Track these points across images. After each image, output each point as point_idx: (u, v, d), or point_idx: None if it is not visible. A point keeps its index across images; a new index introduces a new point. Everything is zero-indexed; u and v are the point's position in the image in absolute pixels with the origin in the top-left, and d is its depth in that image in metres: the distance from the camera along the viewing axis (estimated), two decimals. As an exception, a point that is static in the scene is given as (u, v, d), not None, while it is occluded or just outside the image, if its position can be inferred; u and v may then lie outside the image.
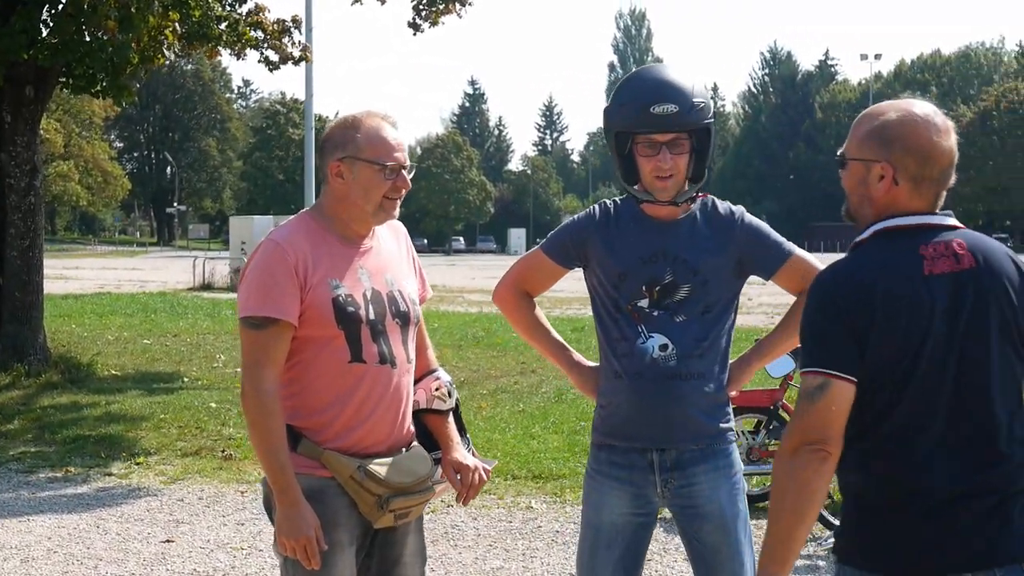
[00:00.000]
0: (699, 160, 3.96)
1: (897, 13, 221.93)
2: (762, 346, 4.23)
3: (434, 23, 19.45)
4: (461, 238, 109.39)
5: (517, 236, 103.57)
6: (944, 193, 3.11)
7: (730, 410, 4.11)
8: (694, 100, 3.90)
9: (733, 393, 4.12)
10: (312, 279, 3.75)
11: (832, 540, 5.44)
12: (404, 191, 3.89)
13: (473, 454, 4.18)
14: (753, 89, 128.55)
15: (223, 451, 10.72)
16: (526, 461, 10.09)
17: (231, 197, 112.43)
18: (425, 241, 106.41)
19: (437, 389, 4.09)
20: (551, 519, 8.29)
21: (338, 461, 3.78)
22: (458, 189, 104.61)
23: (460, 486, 4.06)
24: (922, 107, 3.13)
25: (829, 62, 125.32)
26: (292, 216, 4.00)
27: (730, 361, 4.10)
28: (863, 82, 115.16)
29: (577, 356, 4.28)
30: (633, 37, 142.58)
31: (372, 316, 3.83)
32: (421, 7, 19.28)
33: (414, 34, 19.51)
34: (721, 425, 4.04)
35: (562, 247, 4.17)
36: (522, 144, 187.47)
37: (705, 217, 4.06)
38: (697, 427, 3.98)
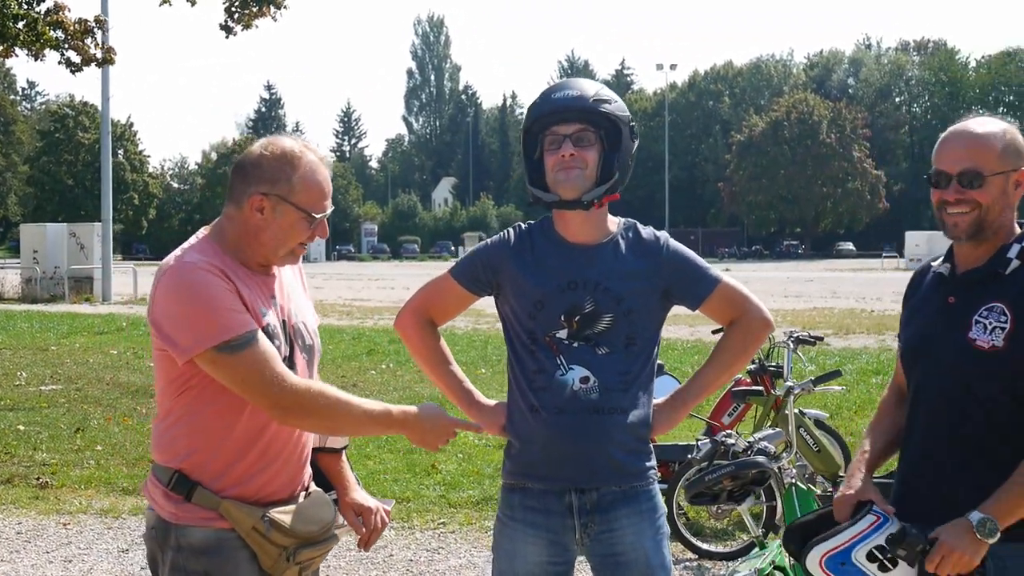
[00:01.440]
0: (607, 163, 3.66)
1: (691, 25, 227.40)
2: (694, 384, 3.92)
3: (247, 26, 18.89)
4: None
5: (317, 243, 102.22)
6: None
7: (651, 449, 3.82)
8: (598, 91, 3.67)
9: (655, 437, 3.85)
10: (246, 302, 3.35)
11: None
12: (320, 238, 3.55)
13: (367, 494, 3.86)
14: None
15: (38, 478, 10.00)
16: (366, 484, 9.65)
17: (16, 203, 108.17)
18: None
19: None
20: (402, 547, 7.93)
21: (239, 511, 3.39)
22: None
23: (363, 530, 3.76)
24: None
25: (625, 71, 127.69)
26: (190, 240, 3.55)
27: (656, 400, 3.82)
28: (658, 91, 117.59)
29: (478, 394, 3.94)
30: (431, 43, 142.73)
31: (284, 351, 3.45)
32: (233, 9, 18.71)
33: (227, 37, 18.90)
34: (645, 464, 3.75)
35: (472, 272, 3.84)
36: (320, 150, 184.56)
37: (628, 243, 3.77)
38: (620, 466, 3.68)
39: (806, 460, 7.78)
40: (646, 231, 3.82)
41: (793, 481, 5.47)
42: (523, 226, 3.86)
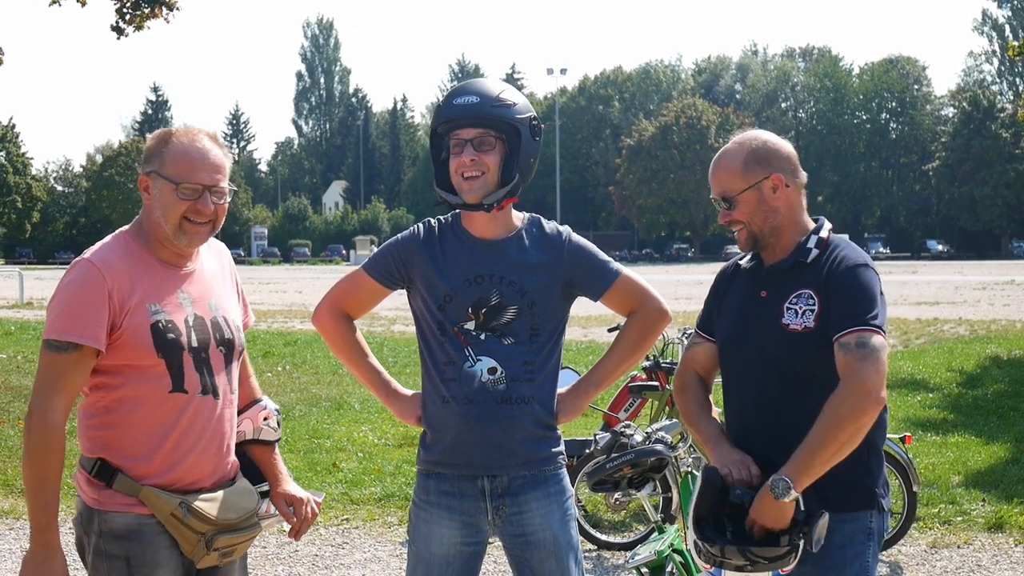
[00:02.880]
0: (508, 164, 3.83)
1: (581, 29, 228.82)
2: (595, 373, 4.10)
3: (139, 27, 18.76)
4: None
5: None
6: None
7: (560, 434, 4.01)
8: (499, 95, 3.82)
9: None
10: (129, 303, 3.50)
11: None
12: (207, 215, 3.61)
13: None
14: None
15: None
16: (268, 483, 9.74)
17: None
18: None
19: (265, 419, 3.89)
20: (307, 543, 8.03)
21: (158, 498, 3.53)
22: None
23: (293, 519, 3.89)
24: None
25: (516, 75, 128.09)
26: (109, 235, 3.70)
27: (559, 390, 4.01)
28: (549, 96, 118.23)
29: (395, 384, 4.12)
30: (321, 46, 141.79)
31: (195, 343, 3.60)
32: (125, 10, 18.57)
33: (118, 38, 18.76)
34: (552, 450, 3.95)
35: (384, 267, 4.00)
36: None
37: (531, 238, 3.96)
38: (528, 452, 3.87)
39: (699, 451, 8.03)
40: (549, 226, 4.00)
41: (689, 469, 5.70)
42: (431, 222, 4.03)
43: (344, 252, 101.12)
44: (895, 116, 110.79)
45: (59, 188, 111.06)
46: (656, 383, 8.51)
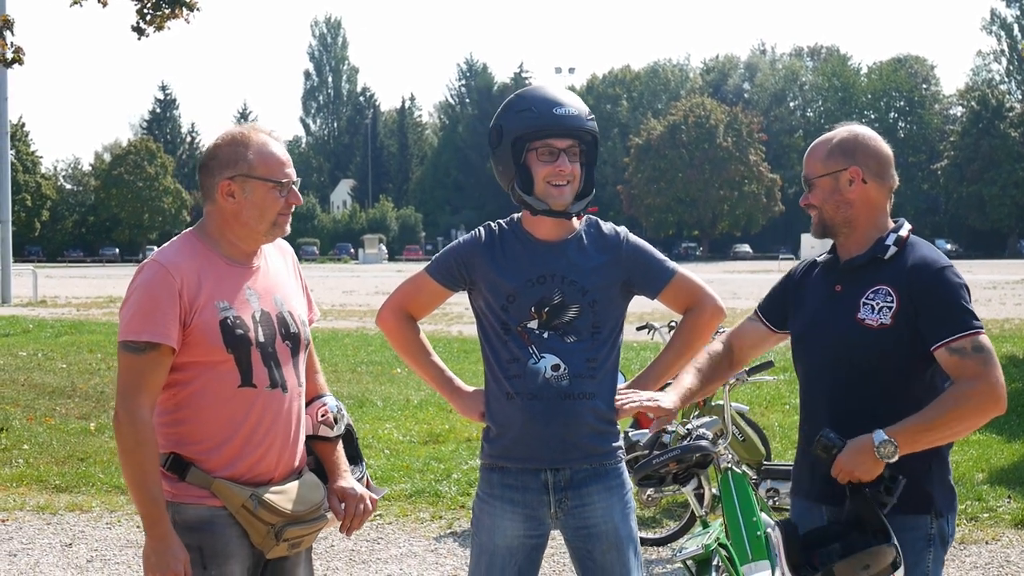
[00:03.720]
0: (588, 176, 4.00)
1: (589, 29, 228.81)
2: (654, 369, 4.23)
3: (160, 28, 18.81)
4: (155, 247, 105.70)
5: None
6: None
7: (619, 430, 4.13)
8: (588, 111, 3.99)
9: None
10: (198, 301, 3.63)
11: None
12: (294, 206, 3.81)
13: (367, 482, 4.08)
14: (450, 100, 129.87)
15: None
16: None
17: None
18: (117, 251, 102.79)
19: (323, 416, 3.98)
20: (342, 538, 8.11)
21: (229, 490, 3.66)
22: (152, 197, 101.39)
23: (343, 515, 3.97)
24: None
25: (524, 75, 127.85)
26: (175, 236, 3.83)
27: (619, 385, 4.12)
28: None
29: (458, 382, 4.24)
30: (329, 45, 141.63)
31: (262, 339, 3.72)
32: (146, 11, 18.63)
33: (139, 38, 18.74)
34: (613, 444, 4.07)
35: (447, 269, 4.13)
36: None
37: (590, 238, 4.09)
38: (590, 446, 3.99)
39: (732, 450, 8.14)
40: (607, 227, 4.14)
41: (729, 466, 5.80)
42: (492, 225, 4.15)
43: (352, 251, 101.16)
44: (903, 115, 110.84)
45: (68, 186, 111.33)
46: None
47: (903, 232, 3.87)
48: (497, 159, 4.03)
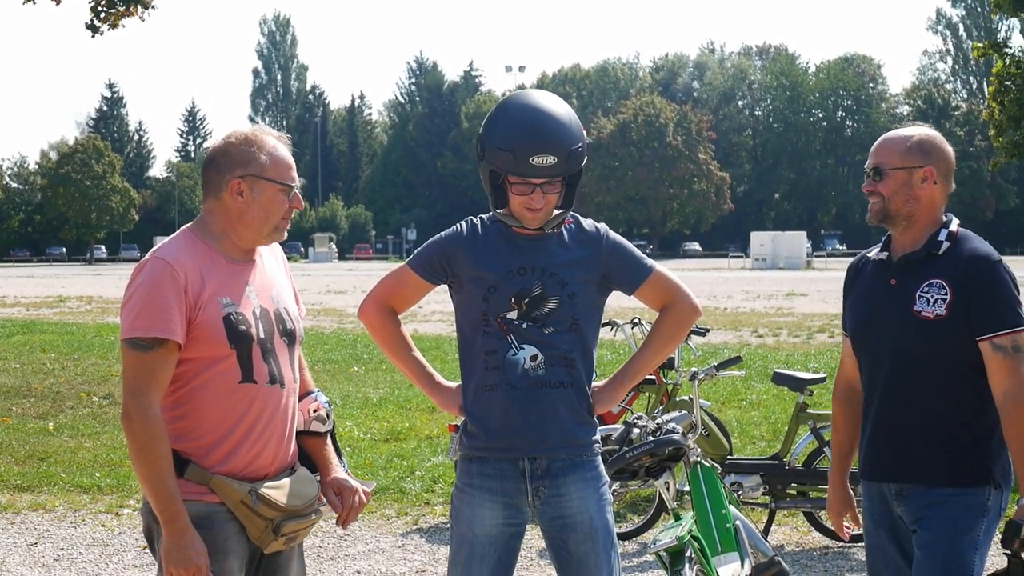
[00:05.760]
0: (568, 192, 4.04)
1: (540, 27, 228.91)
2: (631, 366, 4.29)
3: (114, 25, 18.76)
4: (103, 246, 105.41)
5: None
6: None
7: (596, 423, 4.19)
8: (571, 149, 3.95)
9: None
10: (202, 298, 3.64)
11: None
12: (296, 211, 3.86)
13: (349, 476, 4.12)
14: (400, 98, 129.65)
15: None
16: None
17: None
18: (64, 250, 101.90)
19: (315, 411, 4.02)
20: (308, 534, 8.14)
21: (228, 486, 3.68)
22: (100, 196, 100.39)
23: (341, 508, 4.01)
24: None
25: (474, 73, 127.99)
26: (175, 233, 3.84)
27: (595, 382, 4.19)
28: (507, 93, 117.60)
29: (438, 377, 4.28)
30: (278, 43, 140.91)
31: (262, 335, 3.75)
32: (100, 8, 18.55)
33: (92, 36, 18.74)
34: (590, 437, 4.13)
35: (429, 263, 4.17)
36: (164, 150, 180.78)
37: (571, 233, 4.14)
38: (567, 435, 4.05)
39: (697, 444, 8.23)
40: (587, 223, 4.19)
41: (699, 459, 5.88)
42: (474, 219, 4.21)
43: (302, 249, 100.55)
44: (851, 114, 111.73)
45: (14, 185, 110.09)
46: (653, 377, 8.70)
47: (953, 227, 4.07)
48: (480, 169, 4.09)
